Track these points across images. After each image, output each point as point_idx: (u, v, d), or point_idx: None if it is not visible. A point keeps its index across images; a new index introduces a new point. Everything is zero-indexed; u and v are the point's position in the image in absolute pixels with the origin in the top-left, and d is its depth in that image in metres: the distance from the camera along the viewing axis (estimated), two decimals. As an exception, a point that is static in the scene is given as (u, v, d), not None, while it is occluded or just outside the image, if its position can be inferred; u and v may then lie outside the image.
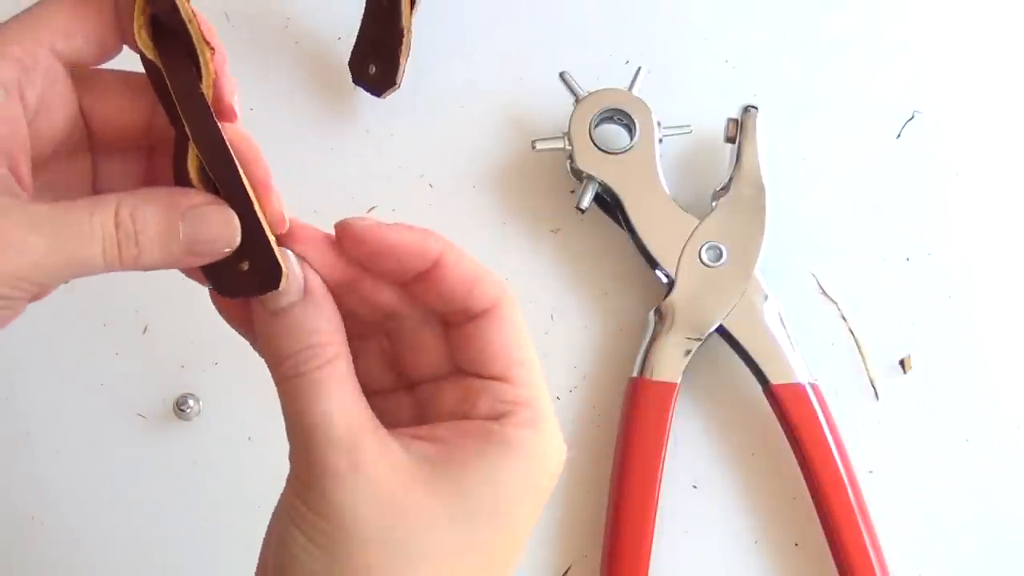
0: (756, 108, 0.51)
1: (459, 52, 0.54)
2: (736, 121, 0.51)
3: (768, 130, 0.51)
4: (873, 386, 0.51)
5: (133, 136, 0.33)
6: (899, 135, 0.54)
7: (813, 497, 0.48)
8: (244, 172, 0.30)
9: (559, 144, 0.51)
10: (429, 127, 0.54)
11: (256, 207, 0.30)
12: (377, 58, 0.52)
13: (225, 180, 0.30)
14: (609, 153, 0.50)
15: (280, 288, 0.30)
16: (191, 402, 0.50)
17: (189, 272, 0.33)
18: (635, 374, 0.49)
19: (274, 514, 0.32)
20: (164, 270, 0.31)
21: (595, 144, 0.50)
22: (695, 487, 0.50)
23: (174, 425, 0.50)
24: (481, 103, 0.54)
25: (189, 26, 0.30)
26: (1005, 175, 0.54)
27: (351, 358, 0.31)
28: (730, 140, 0.51)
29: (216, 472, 0.50)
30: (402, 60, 0.51)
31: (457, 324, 0.32)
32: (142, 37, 0.30)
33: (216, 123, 0.30)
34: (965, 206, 0.53)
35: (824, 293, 0.52)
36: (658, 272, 0.50)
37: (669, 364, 0.48)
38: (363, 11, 0.52)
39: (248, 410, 0.51)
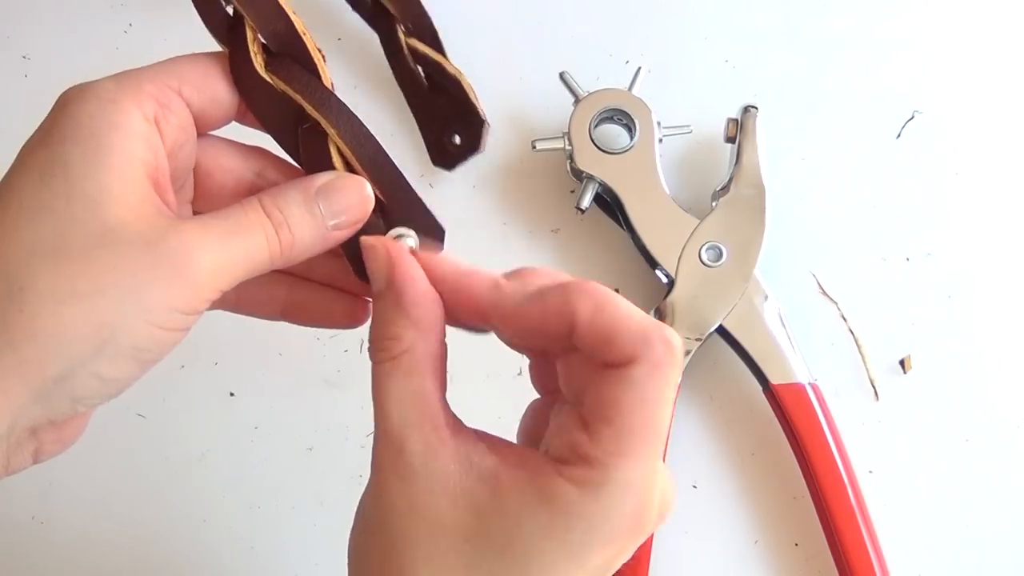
0: (756, 108, 0.51)
1: (459, 52, 0.54)
2: (736, 121, 0.51)
3: (768, 130, 0.51)
4: (873, 386, 0.51)
5: (238, 193, 0.34)
6: (899, 135, 0.54)
7: (813, 497, 0.48)
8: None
9: (559, 144, 0.51)
10: (429, 127, 0.54)
11: (407, 180, 0.33)
12: (460, 127, 0.52)
13: (376, 159, 0.33)
14: (609, 153, 0.50)
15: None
16: None
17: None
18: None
19: None
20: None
21: (595, 144, 0.50)
22: (695, 487, 0.50)
23: (174, 425, 0.50)
24: (481, 103, 0.54)
25: (304, 38, 0.33)
26: (1005, 175, 0.54)
27: (434, 356, 0.31)
28: (730, 140, 0.51)
29: (217, 472, 0.50)
30: (485, 120, 0.52)
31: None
32: (259, 63, 0.32)
33: (355, 114, 0.33)
34: (965, 206, 0.53)
35: (824, 293, 0.52)
36: (658, 272, 0.50)
37: (669, 364, 0.48)
38: (405, 93, 0.54)
39: (249, 410, 0.51)
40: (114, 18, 0.56)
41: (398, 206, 0.33)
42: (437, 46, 0.53)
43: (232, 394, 0.51)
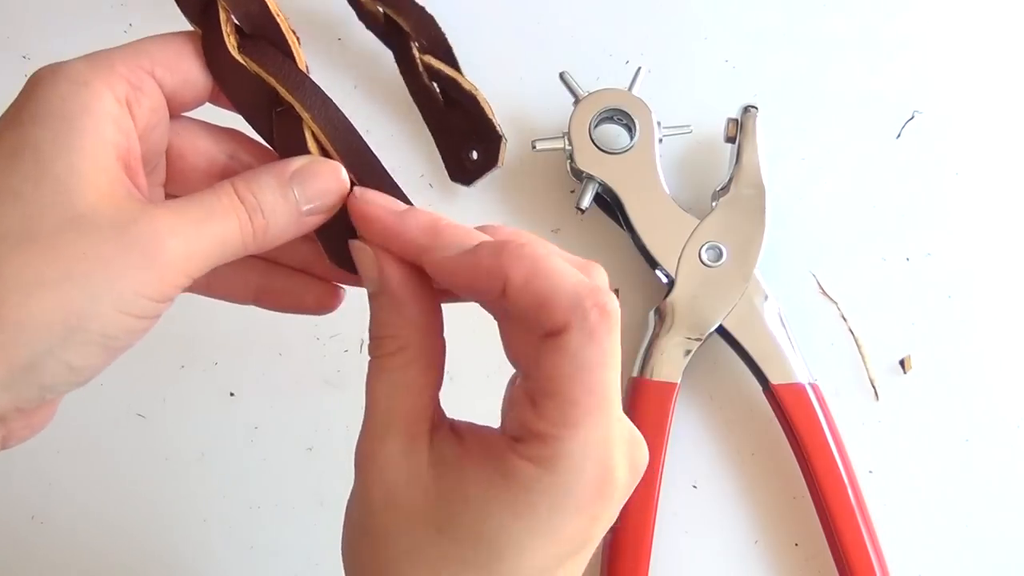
0: (756, 108, 0.51)
1: (459, 52, 0.54)
2: (736, 121, 0.51)
3: (768, 130, 0.51)
4: (873, 386, 0.51)
5: (209, 176, 0.34)
6: (899, 135, 0.54)
7: (813, 497, 0.48)
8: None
9: (559, 144, 0.51)
10: (429, 127, 0.54)
11: (382, 165, 0.33)
12: (477, 143, 0.52)
13: (351, 144, 0.33)
14: (609, 153, 0.50)
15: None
16: None
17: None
18: (635, 374, 0.49)
19: None
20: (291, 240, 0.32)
21: (595, 144, 0.50)
22: (695, 487, 0.50)
23: (174, 425, 0.50)
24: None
25: (278, 19, 0.32)
26: (1005, 175, 0.54)
27: (429, 352, 0.31)
28: (730, 140, 0.51)
29: (217, 472, 0.50)
30: (502, 136, 0.52)
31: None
32: (232, 44, 0.32)
33: (330, 97, 0.32)
34: (965, 206, 0.53)
35: (824, 293, 0.52)
36: (658, 272, 0.50)
37: (669, 364, 0.48)
38: (421, 109, 0.53)
39: (249, 410, 0.51)
40: (114, 18, 0.56)
41: (371, 187, 0.33)
42: (452, 62, 0.53)
43: (232, 394, 0.51)
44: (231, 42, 0.32)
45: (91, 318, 0.28)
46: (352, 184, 0.33)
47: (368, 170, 0.33)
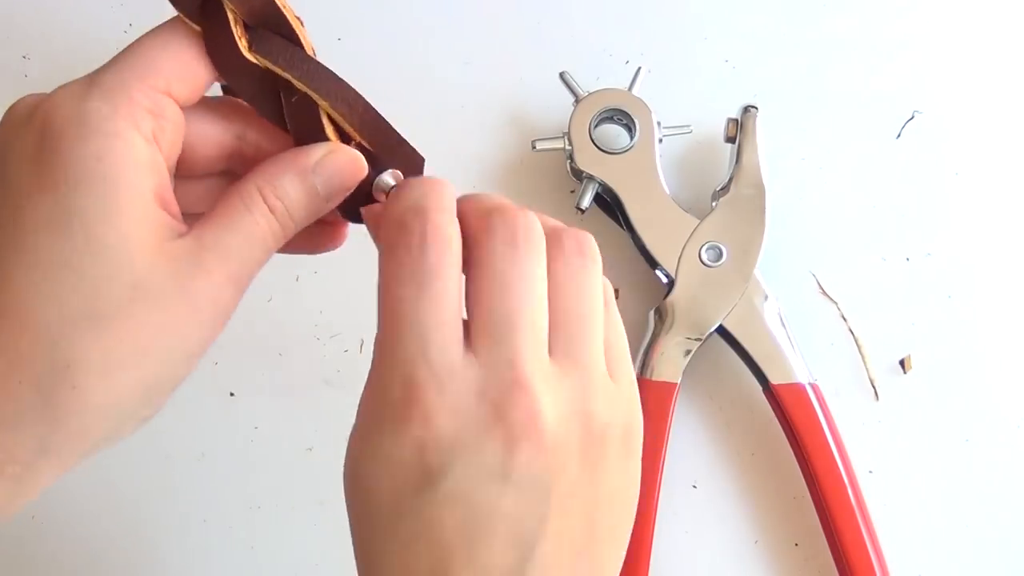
0: (756, 108, 0.51)
1: (459, 52, 0.54)
2: (736, 121, 0.51)
3: (768, 130, 0.51)
4: (873, 386, 0.51)
5: (219, 161, 0.34)
6: (899, 135, 0.54)
7: (813, 497, 0.48)
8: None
9: (559, 144, 0.51)
10: (429, 127, 0.54)
11: (400, 134, 0.34)
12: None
13: (367, 119, 0.34)
14: (609, 153, 0.50)
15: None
16: None
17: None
18: (635, 374, 0.49)
19: None
20: None
21: (595, 144, 0.50)
22: (695, 487, 0.50)
23: (174, 425, 0.50)
24: (481, 103, 0.54)
25: (284, 10, 0.32)
26: (1005, 175, 0.54)
27: None
28: (730, 140, 0.51)
29: (217, 472, 0.50)
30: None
31: None
32: (244, 46, 0.32)
33: (341, 78, 0.33)
34: (965, 206, 0.53)
35: (824, 293, 0.52)
36: (658, 272, 0.50)
37: (669, 364, 0.48)
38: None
39: (249, 410, 0.51)
40: (114, 18, 0.56)
41: (386, 152, 0.34)
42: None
43: (232, 394, 0.51)
44: (243, 44, 0.32)
45: (168, 378, 0.30)
46: (369, 154, 0.33)
47: (383, 136, 0.34)
